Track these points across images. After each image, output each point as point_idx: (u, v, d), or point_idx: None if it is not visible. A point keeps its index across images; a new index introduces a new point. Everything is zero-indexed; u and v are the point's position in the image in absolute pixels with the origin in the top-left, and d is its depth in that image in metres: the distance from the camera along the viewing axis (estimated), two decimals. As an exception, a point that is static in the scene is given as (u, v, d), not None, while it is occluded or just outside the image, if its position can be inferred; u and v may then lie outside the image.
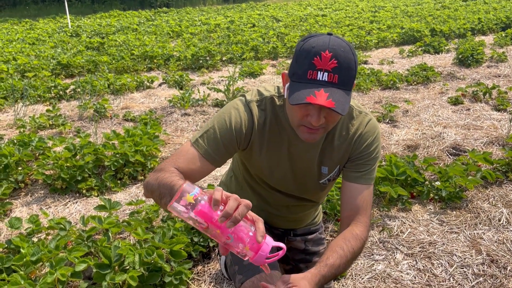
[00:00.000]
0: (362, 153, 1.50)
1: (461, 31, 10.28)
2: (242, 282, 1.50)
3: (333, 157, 1.53)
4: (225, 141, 1.42)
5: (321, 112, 1.26)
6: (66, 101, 5.67)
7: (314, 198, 1.71)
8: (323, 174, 1.56)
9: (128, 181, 3.38)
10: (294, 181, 1.59)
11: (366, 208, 1.50)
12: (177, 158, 1.39)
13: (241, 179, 1.71)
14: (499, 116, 4.61)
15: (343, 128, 1.50)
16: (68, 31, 12.02)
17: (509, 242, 2.49)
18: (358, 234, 1.44)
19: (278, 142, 1.51)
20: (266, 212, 1.73)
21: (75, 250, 2.14)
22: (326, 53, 1.21)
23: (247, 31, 11.53)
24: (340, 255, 1.36)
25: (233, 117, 1.43)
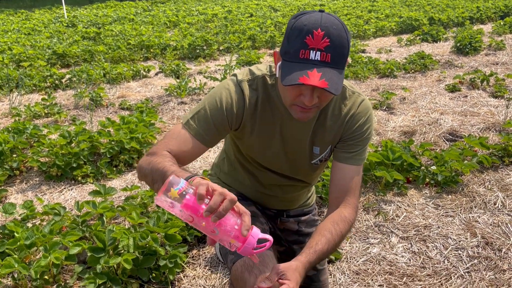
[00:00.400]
0: (354, 133, 1.49)
1: (459, 20, 10.23)
2: (234, 262, 1.49)
3: (325, 138, 1.52)
4: (216, 122, 1.40)
5: (314, 92, 1.25)
6: (61, 90, 5.64)
7: (306, 178, 1.70)
8: (315, 154, 1.55)
9: (123, 168, 3.37)
10: (286, 161, 1.58)
11: (355, 190, 1.49)
12: (168, 141, 1.37)
13: (234, 159, 1.70)
14: (496, 102, 4.60)
15: (335, 108, 1.48)
16: (64, 21, 11.92)
17: (504, 225, 2.49)
18: (347, 217, 1.44)
19: (270, 121, 1.49)
20: (258, 192, 1.72)
21: (70, 235, 2.14)
22: (319, 32, 1.18)
23: (244, 20, 11.46)
24: (328, 239, 1.35)
25: (224, 98, 1.41)
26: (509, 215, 2.59)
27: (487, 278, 2.11)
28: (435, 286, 2.07)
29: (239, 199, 1.72)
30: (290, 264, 1.25)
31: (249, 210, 1.65)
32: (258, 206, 1.76)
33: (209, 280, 2.16)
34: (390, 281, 2.12)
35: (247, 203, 1.71)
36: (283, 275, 1.21)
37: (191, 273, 2.21)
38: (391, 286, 2.09)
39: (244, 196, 1.75)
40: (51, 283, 2.07)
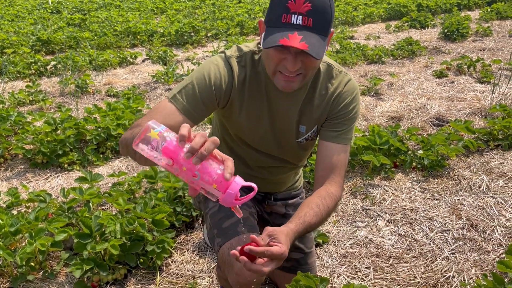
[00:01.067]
0: (340, 112, 1.49)
1: (447, 6, 10.24)
2: (220, 245, 1.49)
3: (311, 116, 1.52)
4: (204, 98, 1.38)
5: (297, 56, 1.25)
6: (46, 77, 5.54)
7: (293, 159, 1.69)
8: (301, 133, 1.55)
9: (110, 155, 3.33)
10: (273, 139, 1.57)
11: (341, 168, 1.49)
12: (153, 115, 1.32)
13: (221, 141, 1.68)
14: (482, 88, 4.63)
15: (322, 87, 1.49)
16: (49, 7, 11.68)
17: (488, 207, 2.53)
18: (333, 193, 1.44)
19: (258, 99, 1.48)
20: (246, 174, 1.71)
21: (55, 221, 2.12)
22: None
23: (232, 7, 11.34)
24: (316, 212, 1.35)
25: (212, 73, 1.39)
26: (493, 197, 2.63)
27: (471, 259, 2.15)
28: (420, 268, 2.10)
29: None
30: (281, 229, 1.24)
31: None
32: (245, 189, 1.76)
33: (197, 265, 2.16)
34: (377, 264, 2.14)
35: None
36: (274, 238, 1.20)
37: (179, 258, 2.20)
38: (377, 268, 2.11)
39: (231, 179, 1.75)
40: (37, 269, 2.06)
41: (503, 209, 2.52)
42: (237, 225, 1.52)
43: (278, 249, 1.15)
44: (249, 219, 1.56)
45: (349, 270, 2.11)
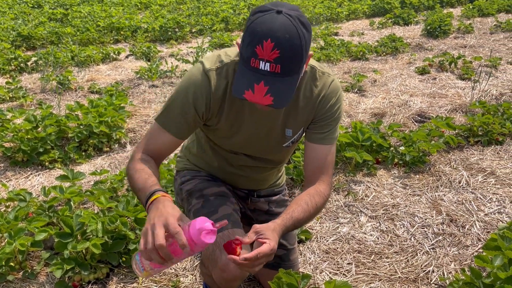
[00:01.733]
0: (326, 113, 1.50)
1: (430, 3, 10.36)
2: None
3: (297, 119, 1.52)
4: (189, 118, 1.44)
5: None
6: (27, 73, 5.44)
7: (277, 159, 1.71)
8: (287, 137, 1.56)
9: (93, 153, 3.30)
10: (257, 145, 1.58)
11: (329, 167, 1.54)
12: (148, 142, 1.47)
13: (204, 142, 1.68)
14: (463, 84, 4.70)
15: (306, 89, 1.48)
16: (30, 2, 11.46)
17: (467, 203, 2.58)
18: (322, 191, 1.48)
19: (239, 107, 1.48)
20: (229, 173, 1.72)
21: (35, 220, 2.09)
22: (268, 42, 1.15)
23: (217, 2, 11.28)
24: (304, 209, 1.40)
25: (191, 93, 1.41)
26: (472, 193, 2.68)
27: (451, 253, 2.19)
28: (401, 263, 2.13)
29: (209, 180, 1.72)
30: (268, 225, 1.28)
31: (220, 190, 1.67)
32: (229, 187, 1.76)
33: (180, 263, 2.16)
34: (359, 259, 2.16)
35: (217, 183, 1.71)
36: (261, 234, 1.24)
37: (162, 256, 2.19)
38: (359, 264, 2.14)
39: (214, 177, 1.75)
40: (17, 269, 2.03)
41: (482, 204, 2.57)
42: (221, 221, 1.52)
43: (267, 246, 1.20)
44: (232, 215, 1.57)
45: (332, 266, 2.13)
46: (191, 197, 1.65)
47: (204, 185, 1.67)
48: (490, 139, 3.27)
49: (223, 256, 1.41)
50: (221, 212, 1.55)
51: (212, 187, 1.67)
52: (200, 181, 1.71)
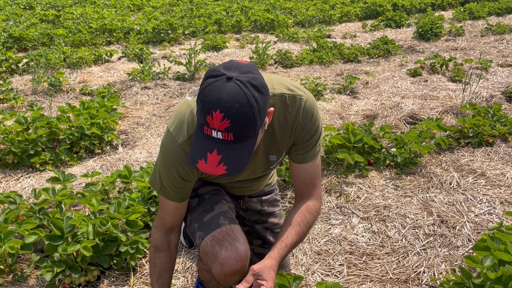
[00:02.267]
0: (304, 137, 1.49)
1: (422, 6, 10.44)
2: (203, 238, 1.51)
3: (278, 146, 1.52)
4: (183, 188, 1.49)
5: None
6: (18, 75, 5.41)
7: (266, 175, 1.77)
8: (272, 161, 1.58)
9: (84, 155, 3.28)
10: (244, 174, 1.60)
11: (317, 180, 1.58)
12: (162, 216, 1.58)
13: None
14: (454, 86, 4.74)
15: (280, 117, 1.44)
16: (21, 3, 11.39)
17: (458, 204, 2.60)
18: (312, 208, 1.54)
19: None
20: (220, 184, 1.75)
21: (26, 223, 2.07)
22: (217, 113, 1.12)
23: (210, 4, 11.29)
24: (297, 231, 1.47)
25: (175, 172, 1.43)
26: (463, 194, 2.70)
27: (441, 254, 2.20)
28: (392, 264, 2.14)
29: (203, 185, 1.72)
30: (265, 264, 1.36)
31: (214, 189, 1.69)
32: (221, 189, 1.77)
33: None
34: (350, 260, 2.17)
35: (211, 183, 1.72)
36: (260, 276, 1.32)
37: (153, 259, 2.19)
38: (351, 265, 2.14)
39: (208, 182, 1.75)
40: (7, 272, 2.01)
41: (472, 205, 2.59)
42: (218, 217, 1.55)
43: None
44: (228, 213, 1.60)
45: (323, 267, 2.14)
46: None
47: (198, 184, 1.69)
48: (481, 141, 3.30)
49: (222, 251, 1.43)
50: (217, 210, 1.58)
51: (206, 185, 1.69)
52: None
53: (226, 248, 1.43)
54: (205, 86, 1.17)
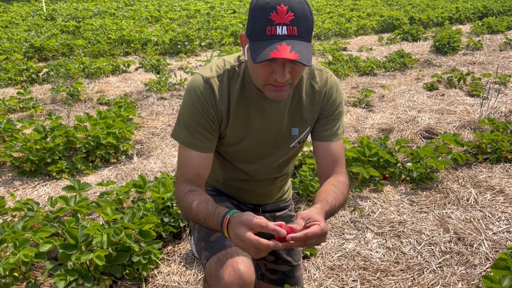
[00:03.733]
0: (330, 109, 1.53)
1: (439, 20, 10.38)
2: (208, 258, 1.48)
3: (303, 117, 1.54)
4: (207, 128, 1.44)
5: (285, 67, 1.26)
6: (38, 84, 5.52)
7: (283, 167, 1.69)
8: (293, 136, 1.56)
9: (100, 164, 3.32)
10: (264, 147, 1.56)
11: (342, 160, 1.57)
12: (183, 170, 1.47)
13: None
14: (472, 101, 4.68)
15: (307, 87, 1.51)
16: (43, 14, 11.69)
17: (475, 221, 2.54)
18: (343, 181, 1.50)
19: (244, 111, 1.48)
20: (234, 187, 1.71)
21: (41, 231, 2.10)
22: (282, 7, 1.20)
23: (227, 17, 11.42)
24: (334, 197, 1.40)
25: (199, 106, 1.42)
26: (481, 211, 2.64)
27: (458, 272, 2.15)
28: (407, 281, 2.10)
29: (214, 194, 1.71)
30: (311, 210, 1.29)
31: (224, 206, 1.65)
32: (233, 201, 1.75)
33: (184, 277, 2.14)
34: (364, 276, 2.14)
35: (221, 198, 1.70)
36: (309, 218, 1.24)
37: (165, 270, 2.19)
38: (364, 281, 2.11)
39: (219, 191, 1.74)
40: (21, 280, 2.03)
41: (490, 222, 2.53)
42: (225, 238, 1.50)
43: (317, 227, 1.21)
44: None
45: (336, 283, 2.10)
46: None
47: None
48: (499, 157, 3.23)
49: (225, 276, 1.40)
50: None
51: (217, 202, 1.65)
52: None
53: (229, 273, 1.40)
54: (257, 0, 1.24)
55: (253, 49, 1.24)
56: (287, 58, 1.20)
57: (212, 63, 1.48)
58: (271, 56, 1.19)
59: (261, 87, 1.36)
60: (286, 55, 1.19)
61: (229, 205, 1.67)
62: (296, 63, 1.24)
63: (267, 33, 1.21)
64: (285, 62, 1.25)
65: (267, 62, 1.25)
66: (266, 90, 1.35)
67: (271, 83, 1.31)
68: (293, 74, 1.30)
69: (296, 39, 1.21)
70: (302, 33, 1.22)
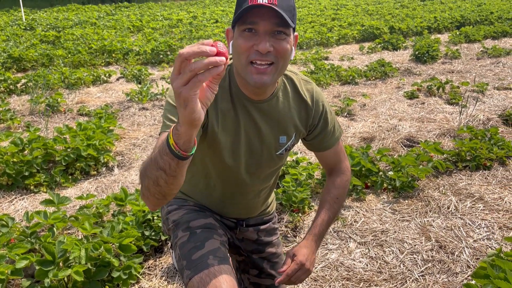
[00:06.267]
0: (320, 123, 1.58)
1: (418, 29, 10.57)
2: (190, 278, 1.44)
3: (291, 125, 1.54)
4: None
5: (267, 38, 1.25)
6: (17, 95, 5.42)
7: (268, 176, 1.67)
8: (281, 144, 1.55)
9: (80, 176, 3.26)
10: (252, 154, 1.54)
11: (343, 156, 1.73)
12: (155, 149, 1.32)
13: (196, 163, 1.63)
14: (451, 109, 4.76)
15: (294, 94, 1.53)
16: (22, 24, 11.52)
17: (456, 229, 2.57)
18: (339, 183, 1.71)
19: (231, 115, 1.45)
20: (218, 200, 1.69)
21: (17, 247, 2.04)
22: None
23: (209, 26, 11.43)
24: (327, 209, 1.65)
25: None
26: (461, 218, 2.67)
27: (440, 281, 2.16)
28: (390, 291, 2.10)
29: (196, 210, 1.68)
30: (299, 245, 1.59)
31: (207, 222, 1.62)
32: (217, 217, 1.72)
33: (165, 291, 2.10)
34: (347, 287, 2.13)
35: (204, 214, 1.67)
36: (294, 255, 1.55)
37: (146, 284, 2.14)
38: (348, 291, 2.10)
39: (203, 207, 1.71)
40: (-4, 299, 1.96)
41: (471, 230, 2.56)
42: (207, 256, 1.46)
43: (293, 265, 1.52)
44: (220, 250, 1.50)
45: (320, 294, 2.09)
46: (177, 229, 1.61)
47: (191, 217, 1.62)
48: (478, 164, 3.28)
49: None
50: (208, 247, 1.49)
51: (199, 218, 1.62)
52: (187, 211, 1.66)
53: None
54: None
55: (235, 19, 1.27)
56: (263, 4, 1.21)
57: None
58: (248, 4, 1.21)
59: (244, 70, 1.32)
60: (263, 2, 1.21)
61: (211, 221, 1.64)
62: (278, 38, 1.25)
63: (248, 3, 1.22)
64: (266, 33, 1.25)
65: (249, 34, 1.25)
66: (248, 74, 1.31)
67: (254, 60, 1.28)
68: (277, 49, 1.27)
69: (276, 7, 1.23)
70: (283, 5, 1.25)
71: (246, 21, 1.24)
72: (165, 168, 1.10)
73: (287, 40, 1.28)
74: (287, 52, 1.30)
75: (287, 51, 1.30)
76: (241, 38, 1.27)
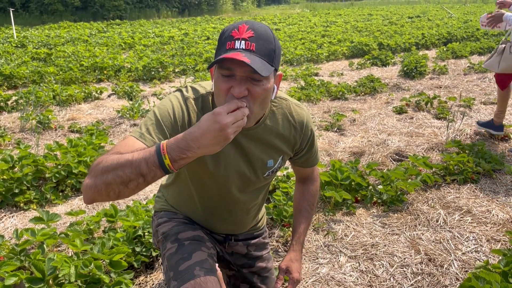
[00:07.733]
0: (306, 144, 1.64)
1: (406, 46, 10.77)
2: None
3: (278, 149, 1.57)
4: (169, 130, 1.36)
5: (242, 82, 1.25)
6: (7, 112, 5.41)
7: (255, 195, 1.69)
8: (268, 167, 1.57)
9: (70, 193, 3.25)
10: (240, 175, 1.56)
11: (315, 169, 1.85)
12: (121, 149, 1.23)
13: (184, 179, 1.65)
14: (439, 124, 4.83)
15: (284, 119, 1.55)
16: (13, 41, 11.54)
17: (445, 241, 2.59)
18: (314, 190, 1.85)
19: None
20: (206, 215, 1.70)
21: (6, 265, 2.03)
22: (243, 26, 1.26)
23: (201, 43, 11.54)
24: (306, 217, 1.80)
25: (174, 107, 1.39)
26: (450, 231, 2.70)
27: (430, 293, 2.18)
28: (381, 304, 2.11)
29: (185, 222, 1.69)
30: (289, 259, 1.72)
31: (195, 234, 1.64)
32: (206, 230, 1.74)
33: (156, 308, 2.09)
34: (338, 301, 2.14)
35: (193, 226, 1.69)
36: (287, 270, 1.68)
37: (137, 301, 2.13)
38: (339, 305, 2.11)
39: (192, 220, 1.73)
40: (-16, 318, 1.94)
41: (459, 243, 2.59)
42: (194, 268, 1.47)
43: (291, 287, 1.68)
44: (207, 262, 1.52)
45: (311, 308, 2.09)
46: (166, 241, 1.62)
47: (180, 229, 1.64)
48: (466, 178, 3.33)
49: None
50: (195, 258, 1.50)
51: (188, 230, 1.63)
52: (176, 223, 1.68)
53: None
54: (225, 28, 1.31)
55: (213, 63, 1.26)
56: (236, 59, 1.19)
57: (188, 86, 1.50)
58: (222, 57, 1.21)
59: None
60: (238, 57, 1.19)
61: (200, 233, 1.65)
62: (254, 83, 1.25)
63: (226, 48, 1.24)
64: (242, 78, 1.25)
65: (227, 78, 1.26)
66: None
67: None
68: (252, 94, 1.27)
69: (253, 54, 1.23)
70: (261, 50, 1.24)
71: (223, 66, 1.26)
72: (147, 176, 1.15)
73: (264, 84, 1.28)
74: (262, 96, 1.30)
75: (262, 95, 1.30)
76: (220, 80, 1.28)
